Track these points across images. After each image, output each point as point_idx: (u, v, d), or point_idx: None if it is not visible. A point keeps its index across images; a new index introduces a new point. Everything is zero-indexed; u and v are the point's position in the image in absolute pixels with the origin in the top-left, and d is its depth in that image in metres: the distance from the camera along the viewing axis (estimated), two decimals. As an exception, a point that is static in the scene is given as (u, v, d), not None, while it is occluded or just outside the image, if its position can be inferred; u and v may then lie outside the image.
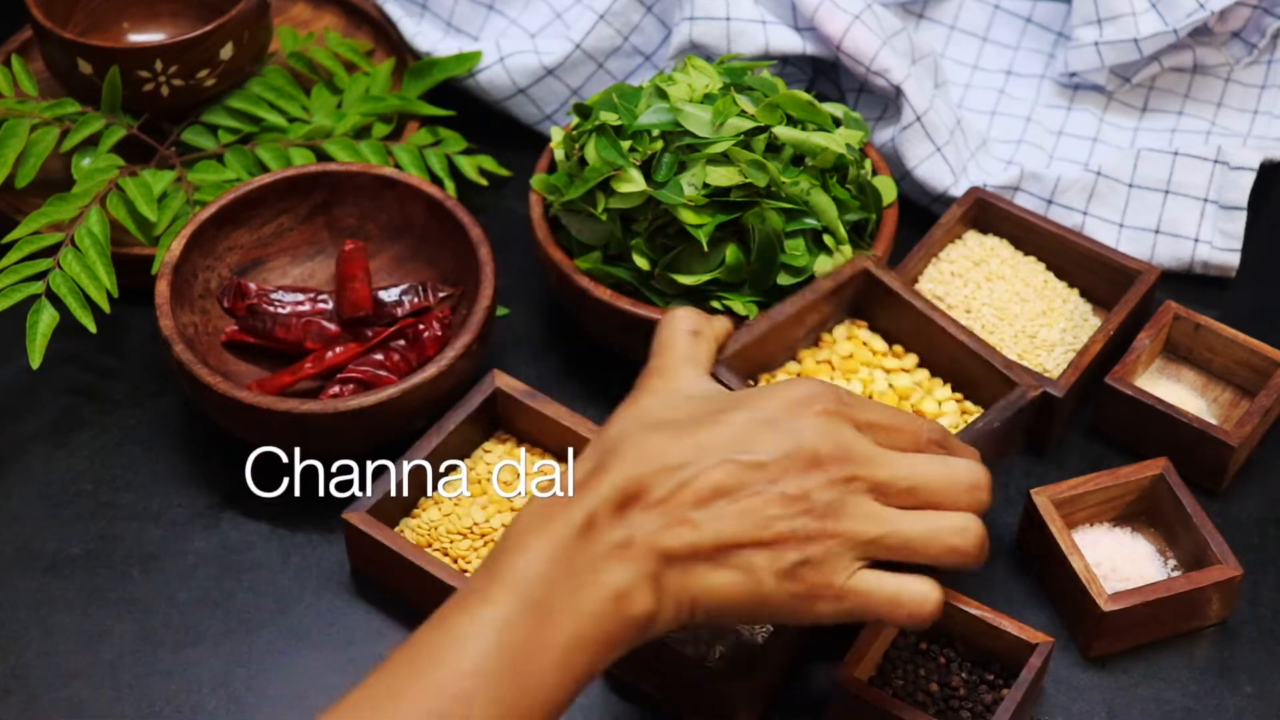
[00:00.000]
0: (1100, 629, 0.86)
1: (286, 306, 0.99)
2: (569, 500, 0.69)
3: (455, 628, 0.67)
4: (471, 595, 0.68)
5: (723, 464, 0.70)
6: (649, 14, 1.11)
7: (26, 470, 0.96)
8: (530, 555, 0.68)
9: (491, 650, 0.66)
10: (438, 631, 0.67)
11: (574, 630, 0.67)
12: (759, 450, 0.71)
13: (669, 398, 0.75)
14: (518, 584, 0.67)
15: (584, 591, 0.68)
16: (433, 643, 0.67)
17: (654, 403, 0.75)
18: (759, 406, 0.72)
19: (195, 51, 1.03)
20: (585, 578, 0.68)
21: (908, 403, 0.90)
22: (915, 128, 1.05)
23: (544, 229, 0.97)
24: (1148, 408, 0.94)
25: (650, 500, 0.69)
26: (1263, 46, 1.12)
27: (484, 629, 0.66)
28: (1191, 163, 1.05)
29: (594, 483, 0.70)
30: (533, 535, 0.69)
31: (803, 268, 0.92)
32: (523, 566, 0.68)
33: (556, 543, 0.68)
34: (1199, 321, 0.97)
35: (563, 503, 0.69)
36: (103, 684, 0.87)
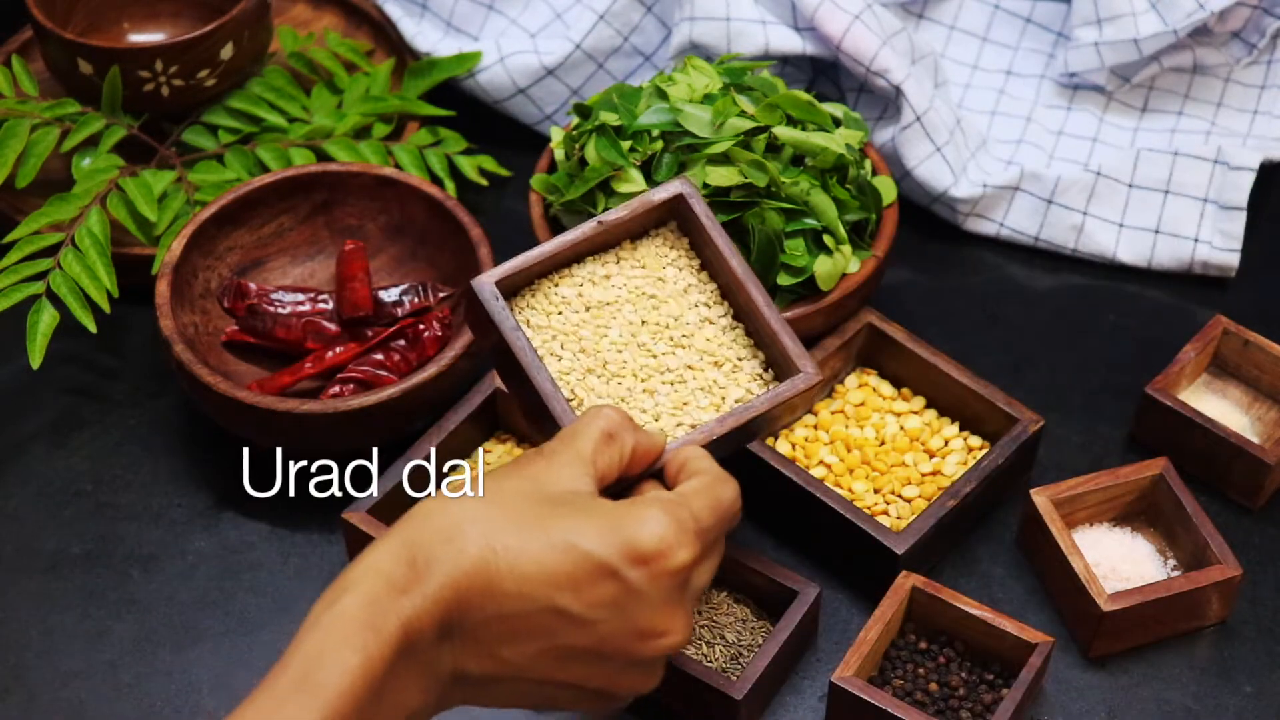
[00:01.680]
0: (1100, 629, 0.86)
1: (287, 306, 0.99)
2: (384, 603, 0.64)
3: None
4: (273, 707, 0.63)
5: (544, 612, 0.66)
6: (649, 14, 1.11)
7: (26, 470, 0.96)
8: (343, 669, 0.63)
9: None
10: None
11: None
12: (587, 606, 0.66)
13: (529, 490, 0.69)
14: (326, 701, 0.62)
15: (386, 711, 0.64)
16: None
17: (503, 492, 0.69)
18: (604, 543, 0.67)
19: (195, 52, 1.03)
20: (391, 695, 0.64)
21: (919, 443, 0.94)
22: (915, 128, 1.05)
23: (544, 229, 0.97)
24: (1186, 420, 0.93)
25: (470, 623, 0.66)
26: (1262, 46, 1.12)
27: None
28: (1191, 163, 1.05)
29: (418, 584, 0.65)
30: (348, 644, 0.63)
31: (803, 268, 0.92)
32: (334, 682, 0.63)
33: (373, 658, 0.63)
34: (1248, 338, 0.96)
35: (377, 605, 0.64)
36: (103, 684, 0.87)
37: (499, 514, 0.67)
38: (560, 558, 0.66)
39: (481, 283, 0.79)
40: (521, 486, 0.69)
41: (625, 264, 0.84)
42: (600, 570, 0.66)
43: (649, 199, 0.83)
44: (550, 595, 0.66)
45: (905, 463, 0.93)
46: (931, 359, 0.95)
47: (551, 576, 0.66)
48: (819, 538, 0.91)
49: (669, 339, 0.83)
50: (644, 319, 0.83)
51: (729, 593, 0.88)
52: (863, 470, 0.93)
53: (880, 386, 0.97)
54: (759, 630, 0.87)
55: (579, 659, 0.68)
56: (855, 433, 0.95)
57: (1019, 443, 0.91)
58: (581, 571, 0.66)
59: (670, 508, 0.68)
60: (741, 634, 0.86)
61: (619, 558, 0.66)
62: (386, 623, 0.64)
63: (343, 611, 0.64)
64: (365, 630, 0.64)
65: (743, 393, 0.82)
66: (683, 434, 0.80)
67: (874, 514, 0.91)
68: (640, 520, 0.67)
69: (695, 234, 0.84)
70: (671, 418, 0.81)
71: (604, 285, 0.83)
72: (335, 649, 0.63)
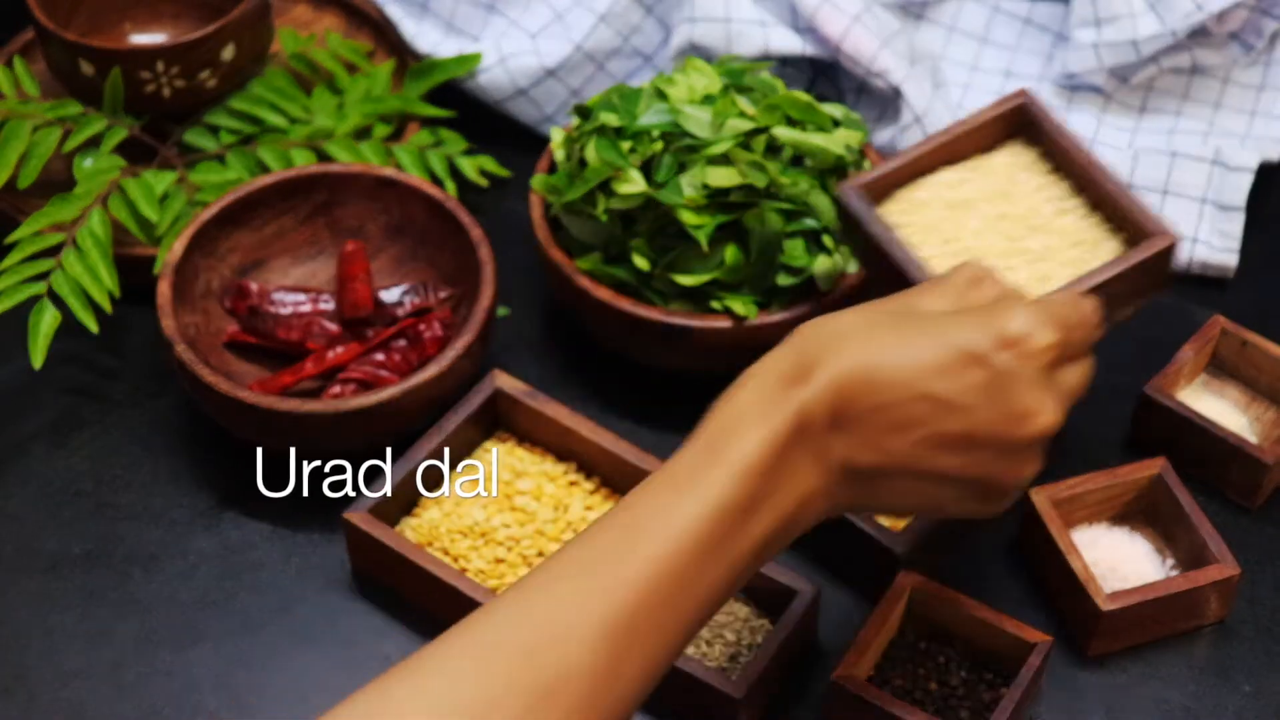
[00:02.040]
0: (1099, 628, 0.86)
1: (288, 307, 0.99)
2: (780, 393, 0.70)
3: (681, 493, 0.68)
4: (685, 474, 0.69)
5: (919, 399, 0.71)
6: (649, 15, 1.11)
7: (27, 470, 0.97)
8: (748, 443, 0.68)
9: (704, 535, 0.67)
10: (668, 494, 0.68)
11: (769, 526, 0.69)
12: (961, 391, 0.71)
13: (903, 309, 0.75)
14: (734, 472, 0.68)
15: (786, 490, 0.69)
16: (646, 519, 0.68)
17: (880, 310, 0.75)
18: (973, 335, 0.72)
19: (197, 52, 1.03)
20: (790, 477, 0.69)
21: None
22: (914, 129, 1.05)
23: (544, 230, 0.97)
24: (1184, 419, 0.93)
25: (854, 413, 0.70)
26: (1261, 47, 1.12)
27: (703, 506, 0.67)
28: (1189, 163, 1.06)
29: (808, 378, 0.70)
30: (750, 422, 0.69)
31: (802, 268, 0.93)
32: (740, 454, 0.68)
33: (774, 435, 0.69)
34: (1246, 338, 0.96)
35: (774, 395, 0.70)
36: (103, 684, 0.87)
37: (878, 321, 0.73)
38: (933, 350, 0.71)
39: (846, 188, 0.88)
40: (895, 307, 0.75)
41: (978, 171, 0.91)
42: (970, 358, 0.71)
43: (994, 109, 0.90)
44: (925, 383, 0.70)
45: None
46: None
47: (925, 367, 0.71)
48: (818, 537, 0.91)
49: (1027, 226, 0.89)
50: (1001, 213, 0.89)
51: (729, 592, 0.88)
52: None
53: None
54: (759, 630, 0.87)
55: (957, 446, 0.71)
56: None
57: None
58: (953, 360, 0.71)
59: (1032, 303, 0.74)
60: (741, 633, 0.86)
61: (987, 344, 0.71)
62: (782, 408, 0.69)
63: (743, 399, 0.70)
64: (766, 410, 0.69)
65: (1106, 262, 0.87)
66: None
67: (874, 514, 0.91)
68: (1005, 311, 0.73)
69: (1042, 138, 0.90)
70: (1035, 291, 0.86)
71: (960, 188, 0.90)
72: (738, 427, 0.69)
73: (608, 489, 0.93)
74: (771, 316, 0.93)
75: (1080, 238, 0.88)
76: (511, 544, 0.90)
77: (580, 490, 0.93)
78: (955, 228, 0.89)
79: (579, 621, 0.65)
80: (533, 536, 0.90)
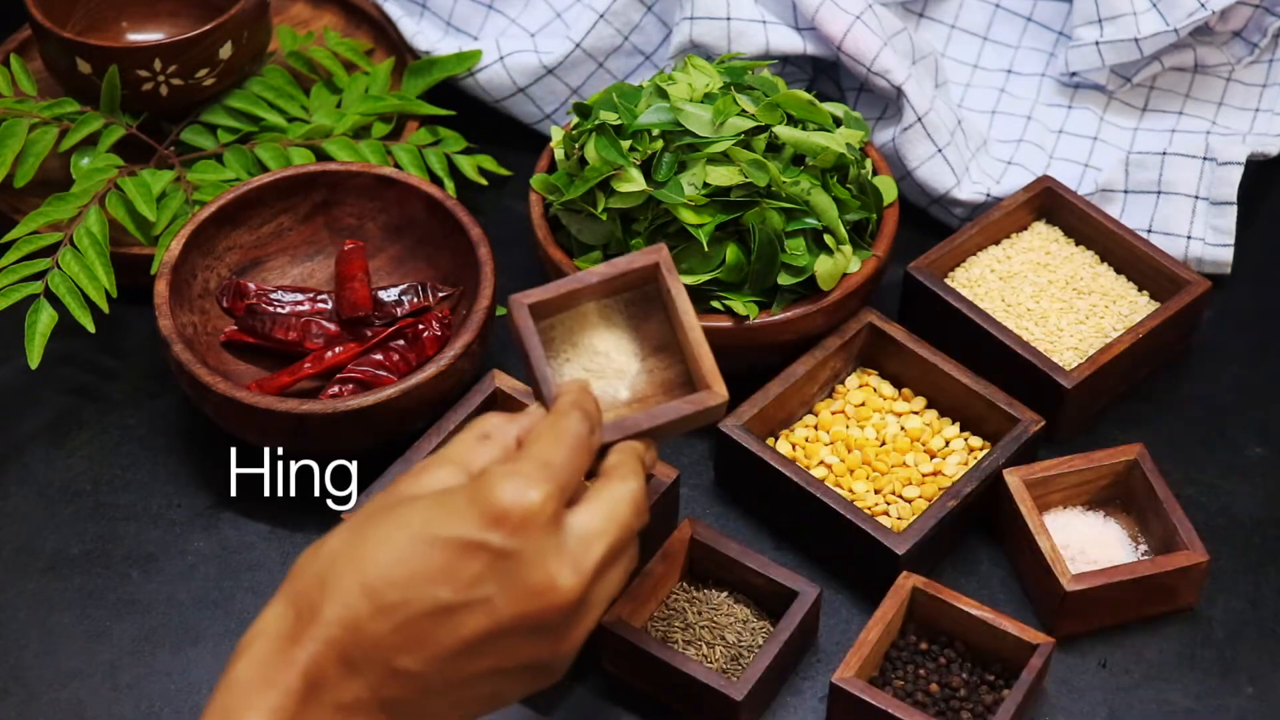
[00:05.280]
0: (1064, 608, 0.86)
1: (286, 306, 0.99)
2: (280, 659, 0.64)
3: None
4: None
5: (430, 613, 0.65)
6: (649, 13, 1.11)
7: (26, 470, 0.96)
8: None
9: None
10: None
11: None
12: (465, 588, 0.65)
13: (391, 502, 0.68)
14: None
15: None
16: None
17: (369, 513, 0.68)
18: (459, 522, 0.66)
19: (194, 51, 1.02)
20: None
21: (919, 443, 0.94)
22: (916, 129, 1.05)
23: (544, 229, 0.97)
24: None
25: (365, 649, 0.64)
26: (1264, 46, 1.12)
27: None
28: (1181, 161, 1.05)
29: (307, 630, 0.64)
30: (252, 700, 0.63)
31: (803, 267, 0.92)
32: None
33: (282, 706, 0.63)
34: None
35: (273, 662, 0.64)
36: (102, 684, 0.87)
37: (364, 536, 0.66)
38: (425, 552, 0.65)
39: (915, 269, 0.99)
40: (385, 500, 0.69)
41: (1016, 248, 1.02)
42: (465, 548, 0.65)
43: (1023, 194, 1.02)
44: (429, 593, 0.65)
45: (906, 463, 0.93)
46: (932, 359, 0.95)
47: (422, 574, 0.65)
48: (819, 538, 0.91)
49: (1073, 290, 1.00)
50: (1049, 280, 1.00)
51: (729, 593, 0.88)
52: (863, 470, 0.93)
53: (881, 386, 0.97)
54: (759, 631, 0.86)
55: (485, 645, 0.66)
56: (856, 433, 0.95)
57: (1020, 443, 0.91)
58: (449, 557, 0.65)
59: (508, 465, 0.67)
60: (741, 635, 0.86)
61: (477, 529, 0.65)
62: (284, 675, 0.64)
63: (241, 674, 0.64)
64: (264, 688, 0.63)
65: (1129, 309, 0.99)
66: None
67: (874, 514, 0.91)
68: (486, 485, 0.66)
69: (1065, 215, 1.03)
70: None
71: (1007, 263, 1.01)
72: (240, 708, 0.63)
73: (607, 489, 0.92)
74: (772, 316, 0.93)
75: (1119, 295, 1.00)
76: (511, 545, 0.89)
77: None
78: (1014, 294, 1.00)
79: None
80: (532, 537, 0.89)
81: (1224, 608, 0.90)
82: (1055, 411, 0.94)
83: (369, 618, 0.64)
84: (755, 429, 0.92)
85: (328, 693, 0.64)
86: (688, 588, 0.88)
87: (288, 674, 0.64)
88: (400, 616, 0.65)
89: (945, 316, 0.98)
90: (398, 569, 0.65)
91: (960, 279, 1.01)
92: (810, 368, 0.94)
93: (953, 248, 1.01)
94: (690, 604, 0.87)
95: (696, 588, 0.88)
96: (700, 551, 0.88)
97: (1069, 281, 1.01)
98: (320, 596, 0.65)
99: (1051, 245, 1.03)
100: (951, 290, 0.98)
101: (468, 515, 0.65)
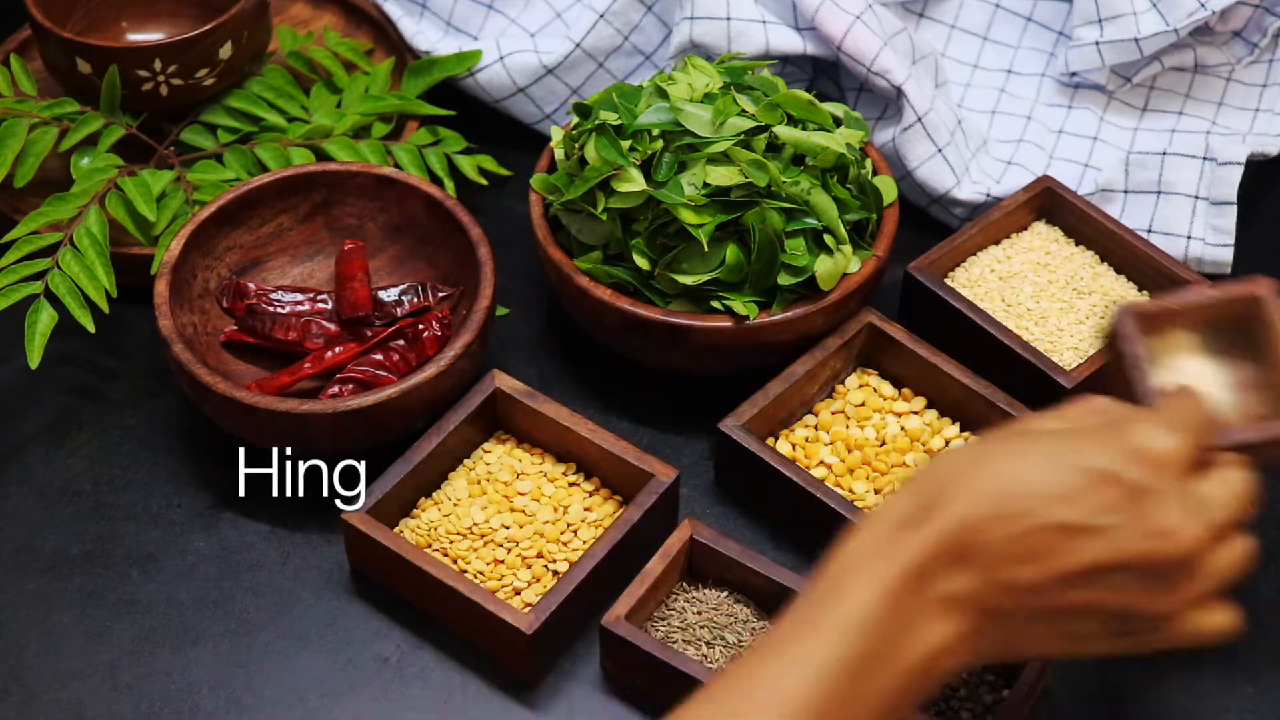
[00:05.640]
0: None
1: (286, 306, 0.99)
2: (896, 538, 0.67)
3: (784, 658, 0.65)
4: (789, 635, 0.66)
5: (1050, 529, 0.67)
6: (649, 13, 1.11)
7: (26, 470, 0.96)
8: (860, 596, 0.65)
9: (816, 690, 0.64)
10: (771, 659, 0.66)
11: (891, 685, 0.66)
12: (1093, 513, 0.67)
13: (1024, 430, 0.72)
14: (849, 627, 0.65)
15: (907, 644, 0.66)
16: (764, 668, 0.65)
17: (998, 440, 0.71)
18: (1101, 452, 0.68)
19: (194, 51, 1.02)
20: (910, 629, 0.66)
21: (920, 443, 0.94)
22: (916, 129, 1.05)
23: (544, 229, 0.97)
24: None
25: (981, 552, 0.67)
26: (1264, 46, 1.12)
27: (810, 666, 0.64)
28: (1181, 161, 1.05)
29: (926, 521, 0.67)
30: (861, 575, 0.66)
31: (803, 267, 0.92)
32: (854, 607, 0.65)
33: (886, 587, 0.66)
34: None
35: (889, 540, 0.67)
36: (102, 684, 0.87)
37: (997, 452, 0.69)
38: (1059, 472, 0.67)
39: (914, 268, 0.98)
40: (1015, 430, 0.72)
41: (1016, 248, 1.02)
42: (1101, 476, 0.67)
43: (1023, 194, 1.03)
44: (1058, 510, 0.67)
45: (906, 463, 0.93)
46: (932, 359, 0.95)
47: (1054, 491, 0.67)
48: (819, 538, 0.91)
49: (1073, 290, 1.00)
50: (1049, 280, 1.00)
51: (729, 593, 0.88)
52: (863, 471, 0.93)
53: (881, 386, 0.97)
54: (759, 631, 0.86)
55: (1098, 576, 0.67)
56: (856, 433, 0.95)
57: None
58: (1083, 481, 0.67)
59: (1149, 414, 0.70)
60: (742, 634, 0.86)
61: (1116, 461, 0.67)
62: (896, 553, 0.66)
63: (853, 549, 0.67)
64: (875, 559, 0.66)
65: None
66: None
67: (875, 514, 0.91)
68: (1130, 425, 0.69)
69: (1064, 218, 1.03)
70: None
71: (1007, 263, 1.02)
72: (847, 578, 0.66)
73: (608, 489, 0.92)
74: (772, 316, 0.93)
75: (1119, 295, 1.00)
76: (511, 545, 0.89)
77: (580, 490, 0.92)
78: (1014, 294, 1.00)
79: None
80: (532, 538, 0.89)
81: (1224, 608, 0.90)
82: None
83: (992, 521, 0.66)
84: (755, 429, 0.92)
85: (933, 583, 0.66)
86: (688, 588, 0.88)
87: (900, 553, 0.66)
88: (1023, 526, 0.66)
89: (945, 316, 0.98)
90: (1029, 482, 0.67)
91: (960, 279, 1.01)
92: (810, 368, 0.94)
93: (953, 248, 1.01)
94: (690, 604, 0.87)
95: (696, 588, 0.88)
96: (700, 551, 0.88)
97: (1069, 281, 1.01)
98: (945, 494, 0.67)
99: (1051, 245, 1.03)
100: (951, 290, 0.98)
101: (1107, 447, 0.68)
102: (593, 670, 0.87)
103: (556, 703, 0.87)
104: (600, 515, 0.91)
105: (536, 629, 0.83)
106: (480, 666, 0.87)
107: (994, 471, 0.68)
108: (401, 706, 0.86)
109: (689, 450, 0.97)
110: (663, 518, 0.90)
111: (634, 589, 0.85)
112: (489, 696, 0.87)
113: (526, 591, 0.88)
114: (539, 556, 0.89)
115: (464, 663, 0.88)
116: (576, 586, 0.85)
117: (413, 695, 0.87)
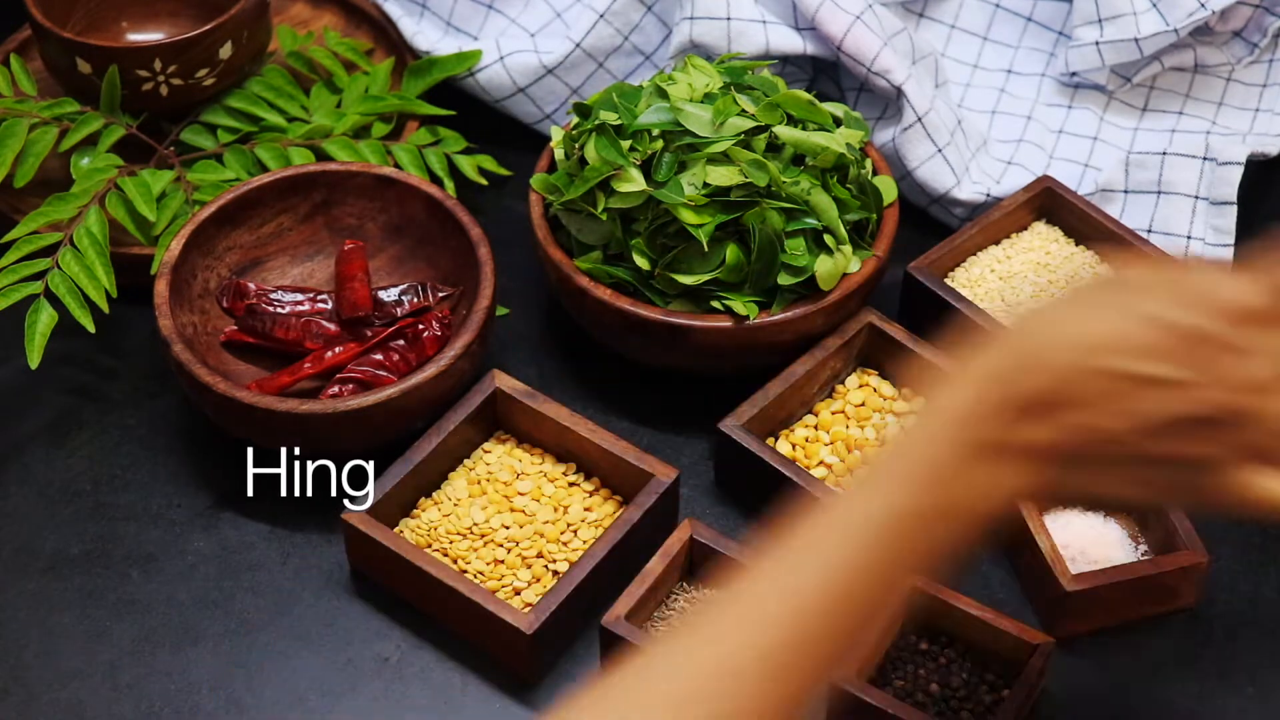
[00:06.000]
0: (1064, 608, 0.86)
1: (286, 306, 0.99)
2: (980, 383, 0.68)
3: (854, 508, 0.68)
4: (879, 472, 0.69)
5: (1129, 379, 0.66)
6: (649, 13, 1.11)
7: (26, 470, 0.96)
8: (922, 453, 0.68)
9: (879, 535, 0.67)
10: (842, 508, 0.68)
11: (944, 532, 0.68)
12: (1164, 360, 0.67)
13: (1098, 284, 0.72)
14: (911, 480, 0.67)
15: (964, 488, 0.67)
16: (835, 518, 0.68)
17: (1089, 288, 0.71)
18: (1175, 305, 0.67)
19: (194, 51, 1.02)
20: (968, 475, 0.67)
21: None
22: (916, 129, 1.05)
23: (544, 229, 0.97)
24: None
25: (1049, 400, 0.67)
26: (1264, 46, 1.12)
27: (875, 516, 0.67)
28: (1181, 161, 1.05)
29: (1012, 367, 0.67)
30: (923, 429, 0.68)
31: (803, 267, 0.92)
32: (918, 460, 0.68)
33: (950, 431, 0.67)
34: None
35: (973, 377, 0.68)
36: (102, 684, 0.87)
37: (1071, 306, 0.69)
38: (1134, 326, 0.67)
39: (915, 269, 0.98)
40: (1103, 280, 0.72)
41: (1016, 248, 1.03)
42: (1187, 331, 0.66)
43: (1023, 194, 1.03)
44: (1144, 363, 0.66)
45: (906, 463, 0.93)
46: (932, 359, 0.95)
47: (1136, 344, 0.66)
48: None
49: None
50: (1049, 280, 1.01)
51: (729, 593, 0.88)
52: (863, 471, 0.93)
53: (880, 386, 0.97)
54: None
55: (1177, 428, 0.67)
56: (855, 433, 0.95)
57: None
58: (1166, 338, 0.66)
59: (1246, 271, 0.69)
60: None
61: (1201, 313, 0.66)
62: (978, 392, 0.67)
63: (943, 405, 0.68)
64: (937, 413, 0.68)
65: None
66: None
67: (875, 514, 0.91)
68: (1206, 275, 0.68)
69: (1065, 218, 1.04)
70: None
71: (1008, 263, 1.02)
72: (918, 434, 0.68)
73: (607, 489, 0.92)
74: (772, 316, 0.93)
75: None
76: (511, 545, 0.89)
77: (580, 490, 0.92)
78: (1014, 294, 1.00)
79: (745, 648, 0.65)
80: (532, 538, 0.89)
81: (1224, 608, 0.90)
82: None
83: (1074, 372, 0.67)
84: (755, 429, 0.92)
85: (1014, 430, 0.67)
86: (687, 588, 0.88)
87: (981, 397, 0.67)
88: (1110, 376, 0.66)
89: (945, 316, 0.98)
90: (1104, 332, 0.67)
91: (960, 279, 1.01)
92: (810, 368, 0.94)
93: (953, 248, 1.01)
94: (690, 604, 0.87)
95: (696, 588, 0.88)
96: (700, 551, 0.88)
97: (1069, 281, 1.01)
98: (1023, 343, 0.68)
99: (1051, 245, 1.03)
100: (951, 290, 0.98)
101: (1183, 300, 0.67)
102: (593, 670, 0.87)
103: (556, 703, 0.87)
104: (600, 515, 0.91)
105: (536, 629, 0.83)
106: (480, 666, 0.87)
107: (1076, 323, 0.68)
108: (401, 706, 0.86)
109: (689, 450, 0.97)
110: (663, 518, 0.90)
111: (634, 589, 0.85)
112: (489, 696, 0.87)
113: (526, 591, 0.88)
114: (539, 556, 0.89)
115: (464, 663, 0.88)
116: (576, 586, 0.85)
117: (413, 695, 0.87)
